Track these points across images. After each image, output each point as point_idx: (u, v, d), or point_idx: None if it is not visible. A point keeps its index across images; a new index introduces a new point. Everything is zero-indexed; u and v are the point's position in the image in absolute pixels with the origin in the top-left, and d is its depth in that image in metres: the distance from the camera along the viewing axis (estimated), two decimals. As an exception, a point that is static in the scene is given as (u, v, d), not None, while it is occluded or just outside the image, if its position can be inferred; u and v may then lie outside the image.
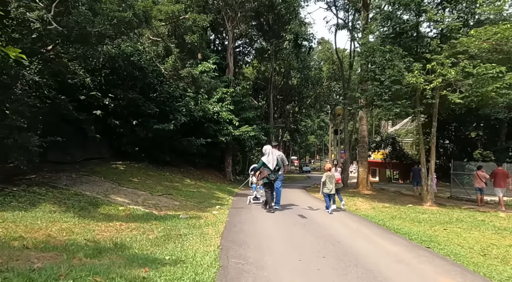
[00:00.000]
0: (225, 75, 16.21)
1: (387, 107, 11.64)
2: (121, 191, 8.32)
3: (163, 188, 9.78)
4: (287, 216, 7.44)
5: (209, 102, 13.78)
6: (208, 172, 16.11)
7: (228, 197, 10.86)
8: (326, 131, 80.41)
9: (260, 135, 15.70)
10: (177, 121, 11.89)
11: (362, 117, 17.28)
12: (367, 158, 17.51)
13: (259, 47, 30.48)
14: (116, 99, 11.20)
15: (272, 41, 23.08)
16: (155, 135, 12.11)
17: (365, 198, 13.94)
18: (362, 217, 7.98)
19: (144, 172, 11.09)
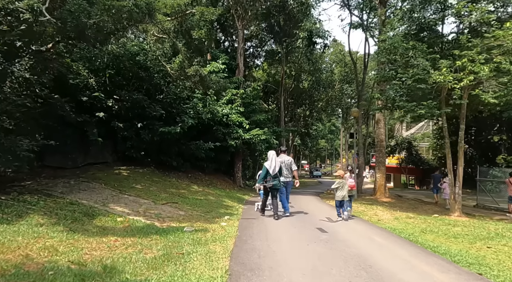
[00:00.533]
0: (235, 76, 15.51)
1: (410, 109, 10.73)
2: (121, 200, 7.63)
3: (168, 195, 9.07)
4: (304, 229, 6.61)
5: (218, 104, 13.08)
6: (217, 177, 15.38)
7: (237, 205, 10.09)
8: (337, 135, 79.19)
9: (271, 138, 14.92)
10: (184, 123, 11.21)
11: (379, 119, 16.35)
12: (384, 163, 16.54)
13: (269, 49, 29.82)
14: (120, 100, 10.60)
15: (284, 40, 22.27)
16: (161, 139, 11.44)
17: (385, 206, 12.99)
18: (389, 231, 7.09)
19: (148, 178, 10.41)
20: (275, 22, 25.05)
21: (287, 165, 8.36)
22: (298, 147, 57.38)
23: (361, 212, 10.51)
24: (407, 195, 20.65)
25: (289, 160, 8.46)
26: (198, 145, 12.57)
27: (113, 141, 11.47)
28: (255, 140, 13.87)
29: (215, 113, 12.63)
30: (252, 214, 8.40)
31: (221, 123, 13.45)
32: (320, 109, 40.84)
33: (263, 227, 6.67)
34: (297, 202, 12.66)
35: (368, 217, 9.14)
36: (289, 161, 8.43)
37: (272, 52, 27.75)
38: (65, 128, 9.69)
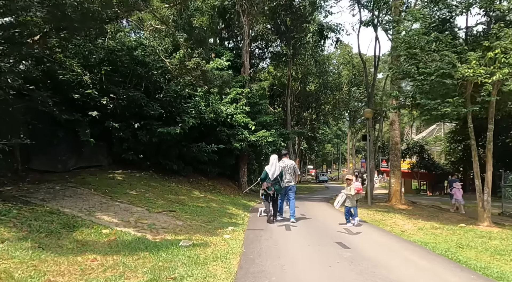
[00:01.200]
0: (240, 74, 14.62)
1: (433, 107, 9.72)
2: (111, 208, 6.72)
3: (166, 202, 8.14)
4: (322, 244, 5.62)
5: (222, 103, 12.18)
6: (221, 182, 14.44)
7: (243, 213, 9.12)
8: (343, 140, 77.98)
9: (278, 141, 13.96)
10: (185, 124, 10.31)
11: (394, 121, 15.32)
12: (400, 168, 15.48)
13: (275, 51, 28.99)
14: (115, 98, 9.75)
15: (291, 38, 21.30)
16: (160, 140, 10.56)
17: (403, 214, 11.95)
18: (420, 245, 6.06)
19: (145, 183, 9.50)
20: (281, 21, 24.25)
21: (290, 170, 8.03)
22: (304, 152, 56.32)
23: (379, 221, 9.48)
24: (421, 201, 19.55)
25: (291, 164, 8.11)
26: (200, 147, 11.66)
27: (108, 143, 10.61)
28: (261, 142, 12.93)
29: (218, 113, 11.72)
30: (259, 224, 7.44)
31: (225, 123, 12.54)
32: (327, 112, 39.85)
33: (272, 241, 5.70)
34: (307, 209, 11.65)
35: (389, 228, 8.11)
36: (292, 166, 8.08)
37: (278, 54, 26.89)
38: (55, 128, 8.85)
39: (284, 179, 7.90)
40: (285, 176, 7.92)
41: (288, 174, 7.98)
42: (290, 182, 7.99)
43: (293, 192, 8.11)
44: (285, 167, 7.95)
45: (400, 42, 10.83)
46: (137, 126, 10.10)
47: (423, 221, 10.21)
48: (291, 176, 8.03)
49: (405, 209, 13.78)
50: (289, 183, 7.98)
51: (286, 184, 7.91)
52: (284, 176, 7.87)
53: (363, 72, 37.60)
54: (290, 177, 7.99)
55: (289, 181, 7.98)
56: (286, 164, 8.02)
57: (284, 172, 7.85)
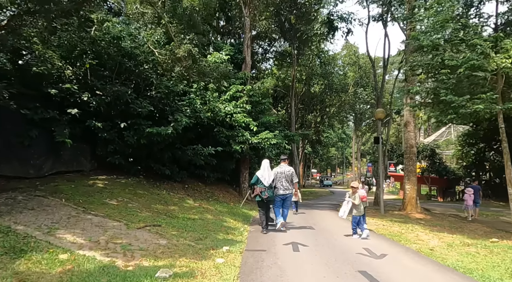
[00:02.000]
0: (241, 71, 13.43)
1: (460, 104, 8.47)
2: (80, 222, 5.52)
3: (151, 214, 6.92)
4: (343, 277, 4.36)
5: (220, 101, 11.00)
6: (219, 188, 13.22)
7: (242, 226, 7.88)
8: (347, 143, 76.73)
9: (283, 143, 12.74)
10: (177, 123, 9.12)
11: (409, 122, 14.06)
12: (415, 172, 14.17)
13: (279, 50, 27.89)
14: (98, 94, 8.59)
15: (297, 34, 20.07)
16: (150, 142, 9.37)
17: (422, 225, 10.67)
18: (464, 274, 4.79)
19: (130, 191, 8.30)
20: (285, 19, 23.15)
21: (287, 176, 7.42)
22: (308, 155, 54.99)
23: (399, 235, 8.21)
24: (435, 209, 18.25)
25: (289, 170, 7.52)
26: (196, 150, 10.47)
27: (91, 145, 9.45)
28: (264, 144, 11.71)
29: (216, 112, 10.53)
30: (261, 241, 6.21)
31: (224, 124, 11.34)
32: (332, 115, 38.61)
33: (277, 269, 4.45)
34: (315, 219, 10.40)
35: (416, 246, 6.82)
36: (289, 172, 7.48)
37: (282, 53, 25.79)
38: (29, 128, 7.71)
39: (281, 187, 7.36)
40: (281, 183, 7.36)
41: (285, 181, 7.37)
42: (287, 189, 7.40)
43: (289, 201, 7.58)
44: (282, 173, 7.39)
45: (421, 32, 9.62)
46: (123, 125, 8.93)
47: (448, 234, 8.96)
48: (288, 183, 7.40)
49: (423, 219, 12.48)
50: (286, 190, 7.38)
51: (283, 192, 7.35)
52: (279, 183, 7.35)
53: (370, 72, 36.47)
54: (286, 184, 7.37)
55: (286, 188, 7.38)
56: (283, 170, 7.43)
57: (279, 178, 7.35)
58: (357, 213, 7.17)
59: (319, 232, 7.59)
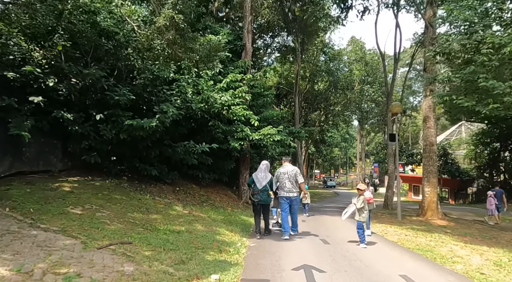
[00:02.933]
0: (241, 59, 11.93)
1: (505, 91, 6.98)
2: (17, 242, 4.06)
3: (123, 227, 5.45)
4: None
5: (215, 90, 9.52)
6: (216, 191, 11.75)
7: (240, 240, 6.39)
8: (350, 144, 75.42)
9: (287, 140, 11.26)
10: (164, 115, 7.65)
11: (428, 117, 12.55)
12: (436, 174, 12.64)
13: (282, 42, 26.42)
14: (67, 79, 7.14)
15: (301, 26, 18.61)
16: (133, 138, 7.92)
17: (450, 235, 9.21)
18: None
19: (105, 195, 6.84)
20: (289, 10, 21.69)
21: (291, 177, 6.83)
22: (311, 156, 53.46)
23: (430, 250, 6.74)
24: (451, 213, 16.77)
25: (293, 170, 6.91)
26: (187, 147, 9.00)
27: (63, 141, 8.01)
28: (266, 141, 10.23)
29: (211, 103, 9.06)
30: (262, 264, 4.73)
31: (220, 117, 9.87)
32: (337, 113, 37.10)
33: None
34: (326, 227, 8.94)
35: (461, 268, 5.32)
36: (293, 172, 6.87)
37: (285, 45, 24.33)
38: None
39: (284, 188, 6.81)
40: (284, 184, 6.82)
41: (289, 182, 6.80)
42: (291, 192, 6.81)
43: (296, 205, 7.01)
44: (285, 174, 6.84)
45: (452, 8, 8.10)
46: (99, 117, 7.47)
47: (486, 247, 7.49)
48: (292, 184, 6.82)
49: (447, 226, 10.98)
50: (290, 193, 6.80)
51: (286, 194, 6.79)
52: (282, 185, 6.83)
53: (377, 69, 34.98)
54: (290, 186, 6.80)
55: (290, 190, 6.80)
56: (286, 170, 6.88)
57: (282, 180, 6.81)
58: (361, 218, 6.29)
59: (336, 248, 6.11)
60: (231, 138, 10.16)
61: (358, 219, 6.35)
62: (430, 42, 12.38)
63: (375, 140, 71.23)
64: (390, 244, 7.20)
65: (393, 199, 20.86)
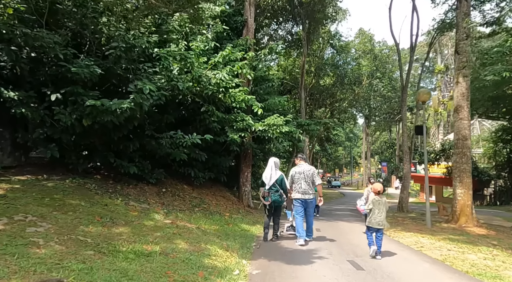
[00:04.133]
0: (242, 36, 10.04)
1: None
2: None
3: (63, 250, 3.62)
4: None
5: (208, 65, 7.64)
6: (212, 193, 9.94)
7: (237, 263, 4.55)
8: (354, 143, 73.76)
9: (297, 133, 9.45)
10: (140, 96, 5.85)
11: (461, 106, 10.69)
12: (470, 173, 10.76)
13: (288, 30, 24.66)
14: (8, 43, 5.36)
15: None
16: (102, 126, 6.14)
17: (498, 248, 7.41)
18: None
19: (55, 200, 5.03)
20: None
21: (307, 177, 6.23)
22: (316, 154, 51.62)
23: (494, 274, 4.92)
24: (478, 217, 14.96)
25: (309, 170, 6.34)
26: (174, 139, 7.21)
27: (11, 129, 6.24)
28: (272, 133, 8.41)
29: (204, 84, 7.22)
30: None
31: (216, 102, 8.03)
32: (344, 109, 35.28)
33: None
34: (346, 237, 7.16)
35: None
36: (309, 172, 6.29)
37: (290, 33, 22.54)
38: None
39: (299, 189, 6.20)
40: (299, 185, 6.21)
41: (305, 183, 6.20)
42: (307, 193, 6.19)
43: (311, 208, 6.38)
44: (301, 174, 6.25)
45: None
46: (55, 97, 5.68)
47: None
48: (309, 185, 6.21)
49: (489, 236, 9.14)
50: (306, 195, 6.18)
51: (301, 196, 6.18)
52: (298, 185, 6.21)
53: (387, 61, 33.06)
54: (306, 187, 6.19)
55: (305, 192, 6.18)
56: (302, 170, 6.30)
57: (298, 180, 6.22)
58: (375, 223, 5.29)
59: (375, 277, 4.28)
60: (229, 129, 8.34)
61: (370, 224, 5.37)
62: (463, 18, 10.56)
63: (380, 139, 69.80)
64: (439, 265, 5.38)
65: (408, 201, 19.10)
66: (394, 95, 33.13)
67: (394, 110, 41.76)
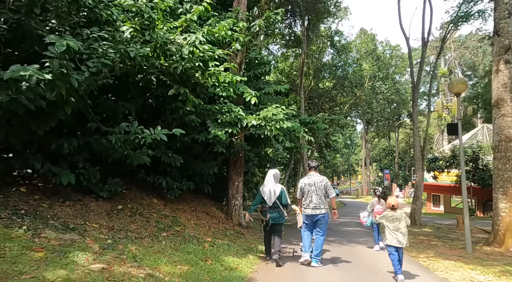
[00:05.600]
0: (233, 8, 7.71)
1: None
2: None
3: None
4: None
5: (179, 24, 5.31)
6: (193, 208, 7.63)
7: None
8: (352, 150, 72.29)
9: (301, 132, 7.24)
10: (60, 62, 3.64)
11: (503, 99, 8.57)
12: (516, 182, 8.62)
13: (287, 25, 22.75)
14: None
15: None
16: (5, 109, 3.90)
17: None
18: None
19: None
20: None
21: (319, 190, 5.38)
22: (314, 162, 49.52)
23: None
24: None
25: (321, 181, 5.47)
26: (128, 134, 4.96)
27: None
28: (270, 129, 6.18)
29: (172, 54, 4.96)
30: None
31: (190, 81, 5.69)
32: (345, 114, 33.29)
33: None
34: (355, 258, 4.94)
35: None
36: (321, 184, 5.43)
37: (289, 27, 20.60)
38: None
39: (309, 204, 5.35)
40: (309, 199, 5.36)
41: (316, 196, 5.33)
42: (318, 208, 5.29)
43: (323, 225, 5.38)
44: (311, 186, 5.41)
45: None
46: None
47: None
48: (321, 199, 5.34)
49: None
50: (317, 210, 5.29)
51: (311, 212, 5.31)
52: (308, 199, 5.36)
53: (390, 63, 31.19)
54: (318, 201, 5.31)
55: (316, 206, 5.30)
56: (312, 181, 5.46)
57: (308, 193, 5.39)
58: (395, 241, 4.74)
59: None
60: (212, 123, 6.09)
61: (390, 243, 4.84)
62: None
63: (378, 145, 68.52)
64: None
65: (421, 213, 17.03)
66: (398, 98, 31.25)
67: (394, 115, 39.93)
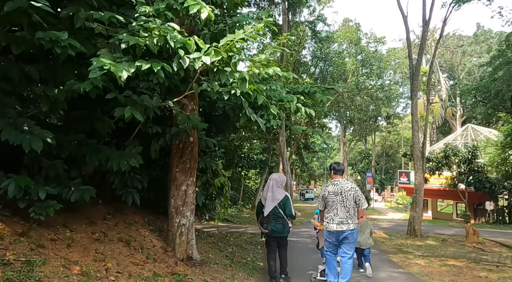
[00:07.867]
0: None
1: None
2: None
3: None
4: None
5: None
6: (99, 234, 4.17)
7: None
8: (328, 154, 70.58)
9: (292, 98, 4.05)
10: None
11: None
12: None
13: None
14: None
15: None
16: None
17: None
18: None
19: None
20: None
21: (347, 200, 3.88)
22: (291, 165, 46.85)
23: None
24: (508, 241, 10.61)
25: (350, 190, 3.91)
26: None
27: None
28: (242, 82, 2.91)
29: None
30: None
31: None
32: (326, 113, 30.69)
33: None
34: None
35: None
36: (350, 193, 3.88)
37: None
38: None
39: (335, 217, 3.84)
40: (335, 211, 3.85)
41: (343, 208, 3.85)
42: (345, 223, 3.81)
43: (352, 244, 3.88)
44: (337, 195, 3.89)
45: None
46: None
47: None
48: (348, 212, 3.84)
49: None
50: (344, 225, 3.81)
51: (336, 228, 3.82)
52: (333, 212, 3.87)
53: (374, 58, 28.96)
54: (345, 215, 3.83)
55: (342, 221, 3.82)
56: (339, 190, 3.91)
57: (333, 204, 3.88)
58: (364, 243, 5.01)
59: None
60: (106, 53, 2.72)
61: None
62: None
63: (354, 149, 67.57)
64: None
65: (421, 221, 14.24)
66: (382, 95, 29.10)
67: (377, 115, 38.11)
